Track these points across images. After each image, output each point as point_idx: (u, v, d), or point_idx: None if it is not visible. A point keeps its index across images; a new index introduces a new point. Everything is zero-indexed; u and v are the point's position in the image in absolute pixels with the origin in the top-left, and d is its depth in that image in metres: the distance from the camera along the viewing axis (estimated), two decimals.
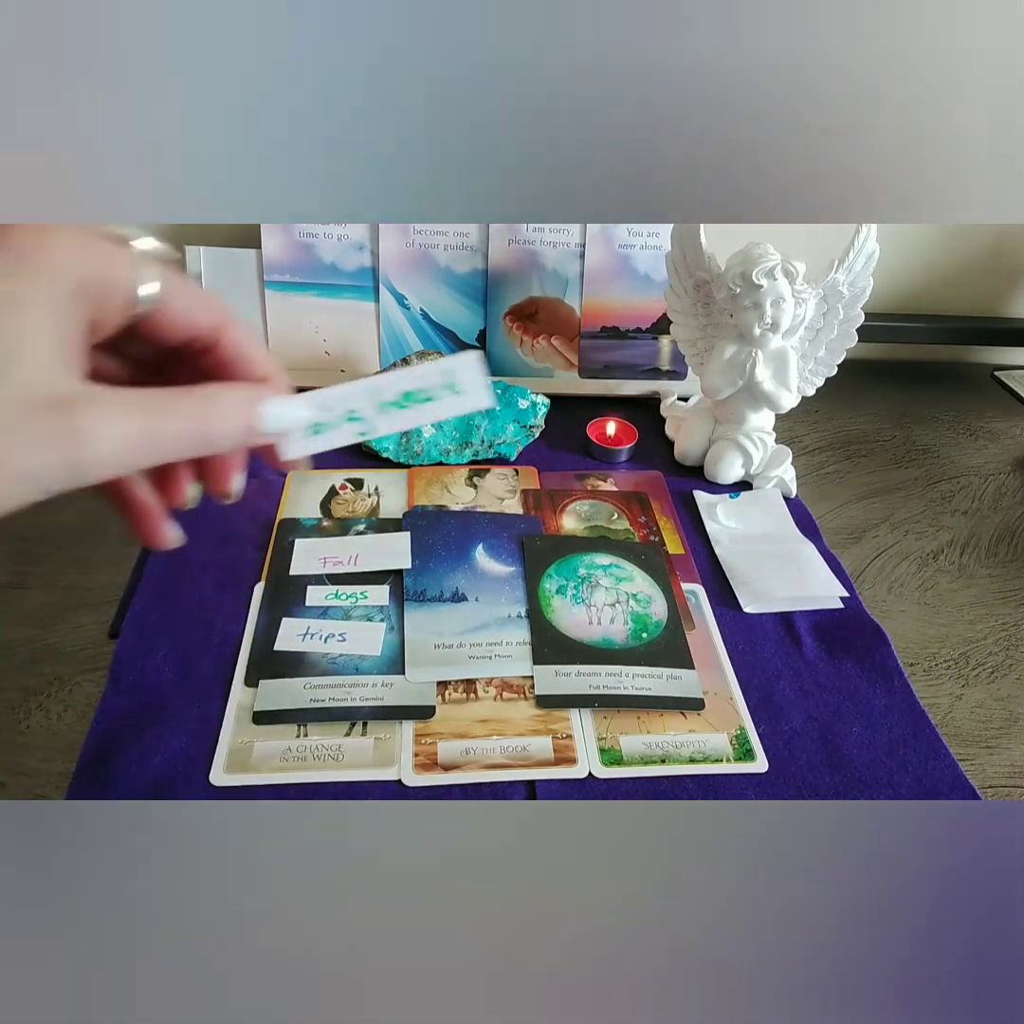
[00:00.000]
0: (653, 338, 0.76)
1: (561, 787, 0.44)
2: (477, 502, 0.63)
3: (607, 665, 0.50)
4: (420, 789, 0.43)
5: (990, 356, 0.94)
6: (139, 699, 0.46)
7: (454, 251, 0.73)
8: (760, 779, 0.45)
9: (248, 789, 0.43)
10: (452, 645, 0.50)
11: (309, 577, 0.54)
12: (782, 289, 0.59)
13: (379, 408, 0.28)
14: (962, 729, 0.50)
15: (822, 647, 0.53)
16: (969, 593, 0.60)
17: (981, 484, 0.73)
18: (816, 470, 0.73)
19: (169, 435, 0.23)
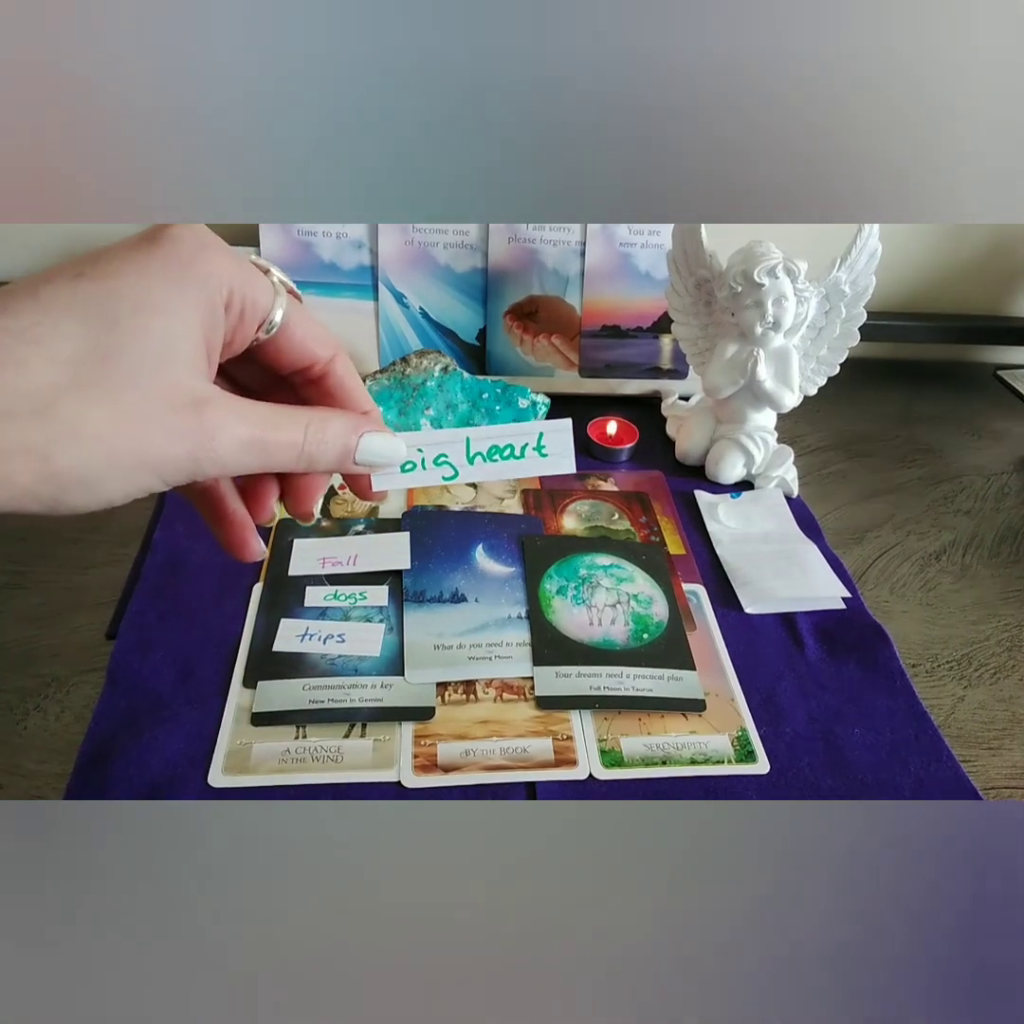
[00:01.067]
0: (654, 337, 0.76)
1: (561, 789, 0.44)
2: (477, 502, 0.63)
3: (608, 666, 0.50)
4: (420, 791, 0.43)
5: (993, 355, 0.94)
6: (137, 700, 0.46)
7: (454, 250, 0.72)
8: (761, 780, 0.45)
9: (246, 791, 0.42)
10: (452, 646, 0.50)
11: (308, 578, 0.54)
12: (784, 288, 0.58)
13: (468, 457, 0.29)
14: (964, 730, 0.50)
15: (824, 648, 0.53)
16: (972, 594, 0.60)
17: (984, 484, 0.73)
18: (818, 470, 0.73)
19: (276, 446, 0.25)
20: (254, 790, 0.42)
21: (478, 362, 0.76)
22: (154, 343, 0.22)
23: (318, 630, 0.50)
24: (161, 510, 0.59)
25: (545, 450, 0.29)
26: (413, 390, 0.65)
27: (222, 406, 0.23)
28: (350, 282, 0.72)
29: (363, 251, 0.72)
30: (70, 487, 0.21)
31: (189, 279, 0.23)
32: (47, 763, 0.44)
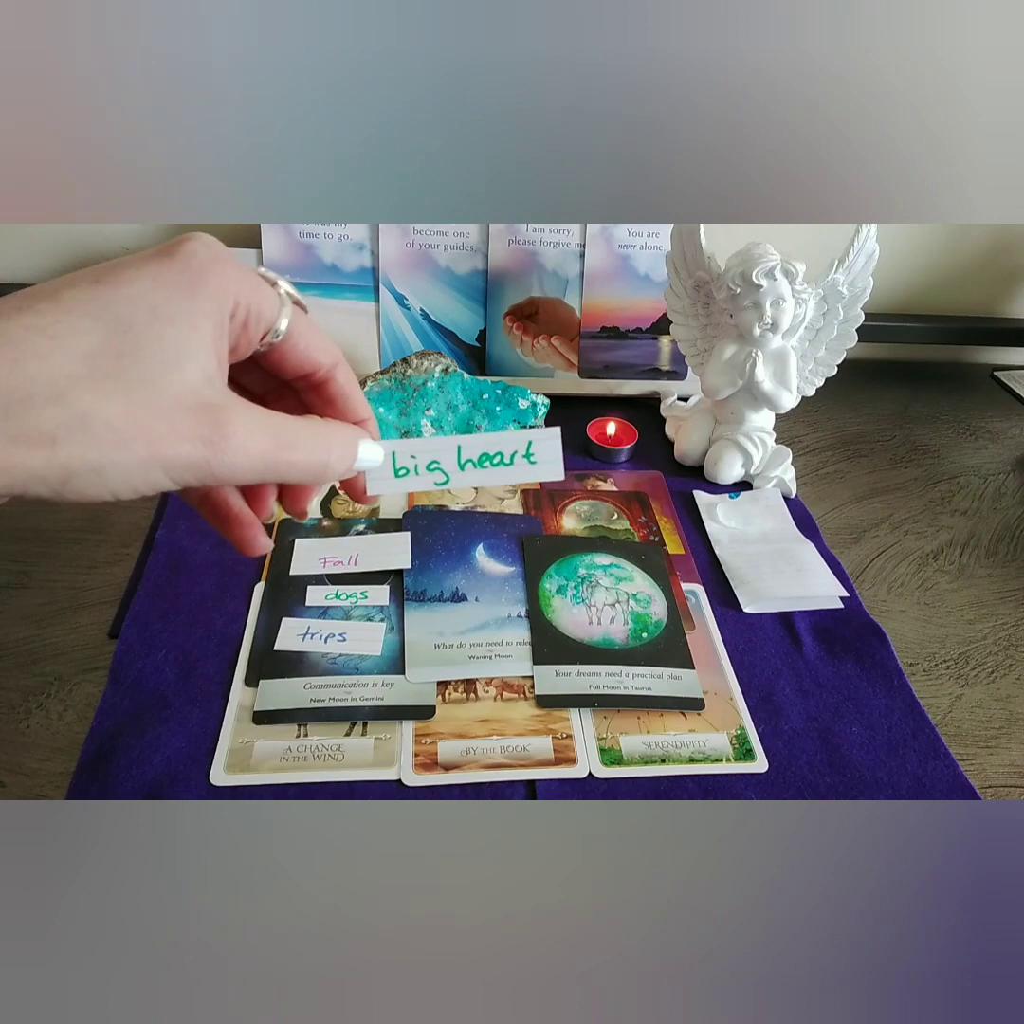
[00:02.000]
0: (653, 338, 0.76)
1: (561, 787, 0.44)
2: (477, 502, 0.63)
3: (607, 665, 0.50)
4: (420, 789, 0.43)
5: (990, 356, 0.94)
6: (139, 699, 0.46)
7: (454, 251, 0.73)
8: (760, 779, 0.45)
9: (248, 789, 0.43)
10: (452, 645, 0.50)
11: (309, 577, 0.54)
12: (782, 289, 0.59)
13: (459, 464, 0.30)
14: (962, 729, 0.50)
15: (822, 647, 0.53)
16: (969, 593, 0.60)
17: (981, 484, 0.73)
18: (816, 470, 0.73)
19: (290, 463, 0.25)
20: (256, 788, 0.43)
21: (478, 363, 0.76)
22: (169, 348, 0.23)
23: (319, 629, 0.51)
24: (163, 510, 0.59)
25: (534, 457, 0.30)
26: (414, 391, 0.65)
27: (240, 413, 0.24)
28: (351, 284, 0.73)
29: (364, 253, 0.72)
30: (78, 474, 0.21)
31: (200, 291, 0.24)
32: (50, 762, 0.44)
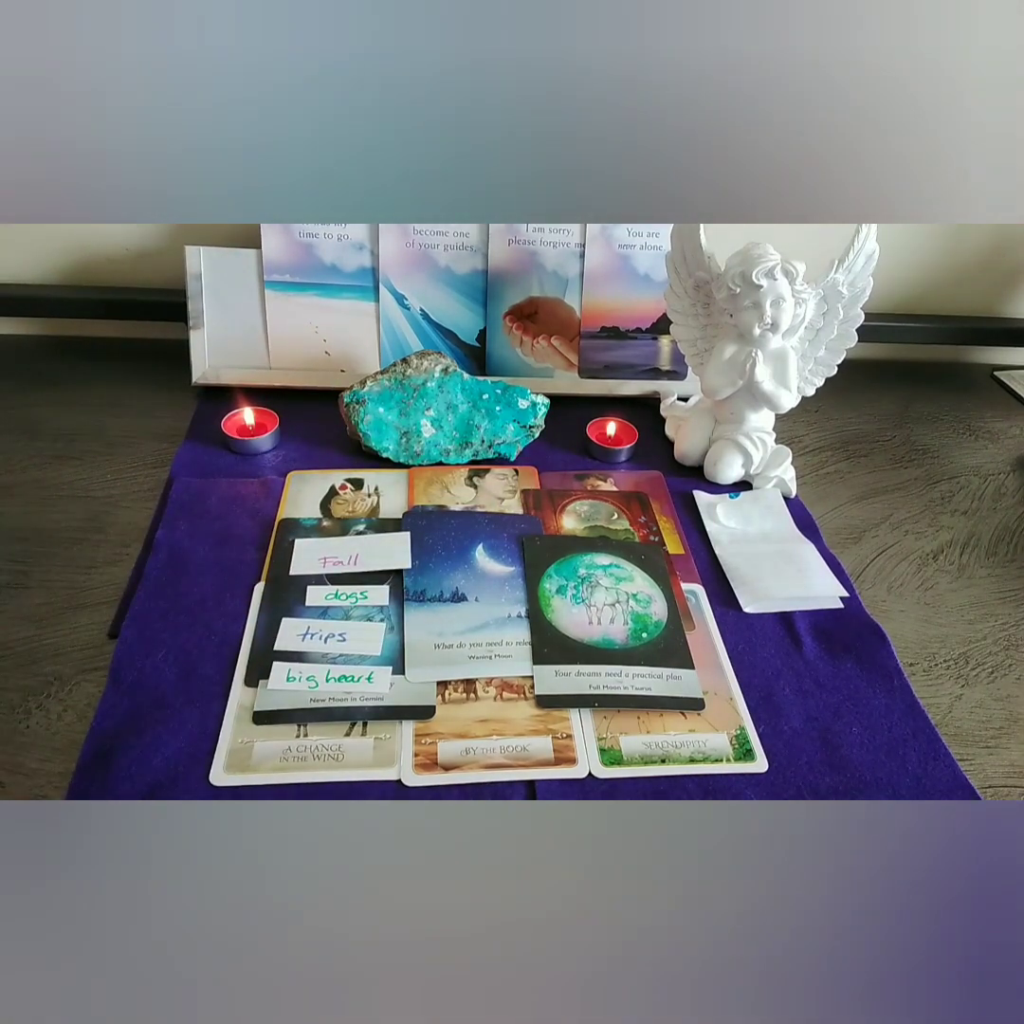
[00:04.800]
0: (653, 338, 0.76)
1: (561, 787, 0.44)
2: (477, 502, 0.63)
3: (607, 665, 0.50)
4: (420, 789, 0.43)
5: (990, 356, 0.94)
6: (139, 699, 0.46)
7: (454, 251, 0.73)
8: (760, 779, 0.45)
9: (248, 789, 0.43)
10: (452, 645, 0.50)
11: (309, 577, 0.54)
12: (782, 289, 0.59)
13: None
14: (962, 729, 0.50)
15: (822, 647, 0.53)
16: (969, 593, 0.60)
17: (981, 484, 0.73)
18: (816, 470, 0.73)
19: None
20: (255, 788, 0.43)
21: (478, 363, 0.76)
22: None
23: (319, 629, 0.51)
24: (163, 510, 0.59)
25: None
26: (414, 391, 0.65)
27: None
28: (351, 284, 0.73)
29: (364, 253, 0.72)
30: None
31: None
32: (50, 762, 0.44)
